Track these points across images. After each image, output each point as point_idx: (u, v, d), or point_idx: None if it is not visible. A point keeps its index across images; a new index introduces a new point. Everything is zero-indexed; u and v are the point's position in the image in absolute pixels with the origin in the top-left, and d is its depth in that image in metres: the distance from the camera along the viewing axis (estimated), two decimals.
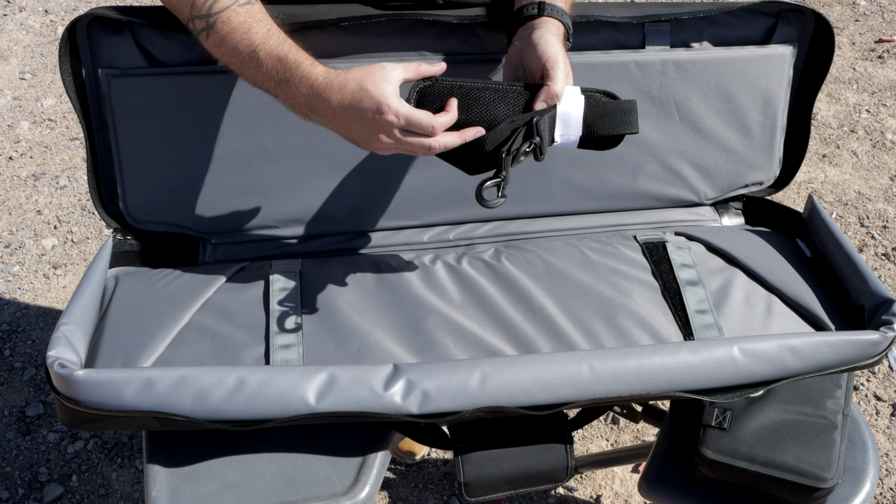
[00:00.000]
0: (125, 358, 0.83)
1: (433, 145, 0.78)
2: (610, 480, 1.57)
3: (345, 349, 0.87)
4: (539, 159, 0.81)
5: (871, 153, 2.36)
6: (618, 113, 0.83)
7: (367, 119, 0.77)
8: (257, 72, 0.80)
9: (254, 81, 0.82)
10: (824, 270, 1.00)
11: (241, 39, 0.80)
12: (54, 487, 1.51)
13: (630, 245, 1.03)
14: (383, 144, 0.78)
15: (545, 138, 0.81)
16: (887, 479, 1.58)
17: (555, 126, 0.82)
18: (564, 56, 0.83)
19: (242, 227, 1.02)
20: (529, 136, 0.80)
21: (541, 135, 0.80)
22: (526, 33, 0.85)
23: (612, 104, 0.83)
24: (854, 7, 3.02)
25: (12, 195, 2.14)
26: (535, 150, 0.81)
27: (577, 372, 0.79)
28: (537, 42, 0.83)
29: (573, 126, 0.82)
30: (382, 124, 0.76)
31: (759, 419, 0.90)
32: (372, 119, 0.76)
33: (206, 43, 0.82)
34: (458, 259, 0.99)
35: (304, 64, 0.79)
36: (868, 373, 1.75)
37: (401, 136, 0.77)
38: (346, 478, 0.82)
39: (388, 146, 0.78)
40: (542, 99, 0.80)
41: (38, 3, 2.92)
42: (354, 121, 0.77)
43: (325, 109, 0.78)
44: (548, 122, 0.81)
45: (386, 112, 0.76)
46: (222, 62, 0.83)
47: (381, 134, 0.77)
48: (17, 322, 1.81)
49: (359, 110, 0.77)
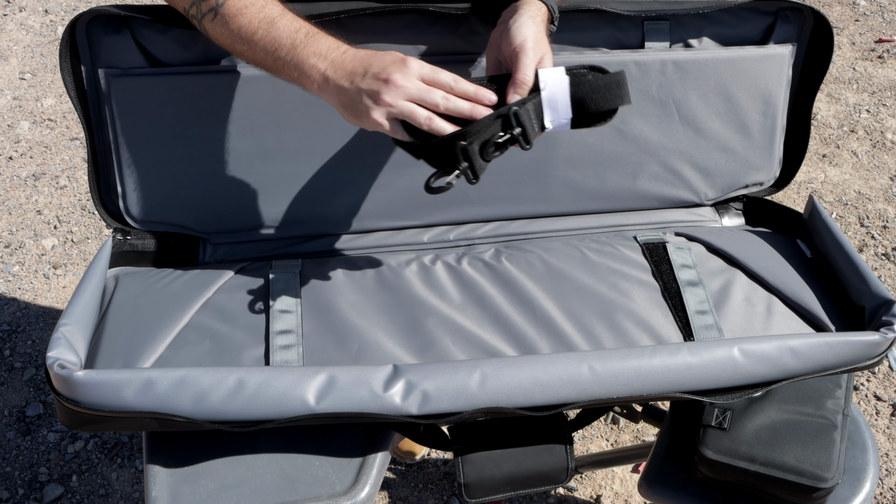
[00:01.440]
0: (125, 358, 0.83)
1: (448, 105, 0.75)
2: (610, 480, 1.57)
3: (344, 350, 0.87)
4: (525, 148, 0.79)
5: (871, 153, 2.36)
6: (607, 87, 0.80)
7: (385, 64, 0.75)
8: (268, 43, 0.79)
9: (262, 56, 0.80)
10: (825, 271, 1.00)
11: (257, 13, 0.79)
12: (54, 487, 1.51)
13: (630, 245, 1.03)
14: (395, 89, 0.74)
15: (529, 127, 0.79)
16: (887, 479, 1.58)
17: (542, 112, 0.80)
18: (537, 39, 0.80)
19: (242, 227, 1.02)
20: (507, 126, 0.78)
21: (522, 124, 0.78)
22: (505, 17, 0.84)
23: (599, 80, 0.80)
24: (854, 7, 3.02)
25: (12, 195, 2.14)
26: (519, 140, 0.79)
27: (577, 373, 0.79)
28: (511, 26, 0.81)
29: (562, 109, 0.80)
30: (402, 69, 0.74)
31: (759, 419, 0.90)
32: (392, 64, 0.75)
33: (210, 27, 0.81)
34: (458, 259, 0.99)
35: (321, 32, 0.79)
36: (868, 373, 1.75)
37: (417, 85, 0.75)
38: (346, 478, 0.82)
39: (396, 97, 0.74)
40: (512, 92, 0.78)
41: (38, 3, 2.92)
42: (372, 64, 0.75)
43: (340, 57, 0.77)
44: (532, 111, 0.79)
45: (409, 60, 0.75)
46: (225, 43, 0.82)
47: (397, 76, 0.74)
48: (17, 322, 1.81)
49: (379, 56, 0.76)
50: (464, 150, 0.76)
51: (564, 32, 0.99)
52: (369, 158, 1.00)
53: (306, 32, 0.79)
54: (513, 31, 0.80)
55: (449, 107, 0.76)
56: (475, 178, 0.78)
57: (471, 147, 0.76)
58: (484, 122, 0.77)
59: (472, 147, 0.76)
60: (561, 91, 0.79)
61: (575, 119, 0.80)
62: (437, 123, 0.76)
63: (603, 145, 1.05)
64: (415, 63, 0.76)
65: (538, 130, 0.80)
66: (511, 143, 0.79)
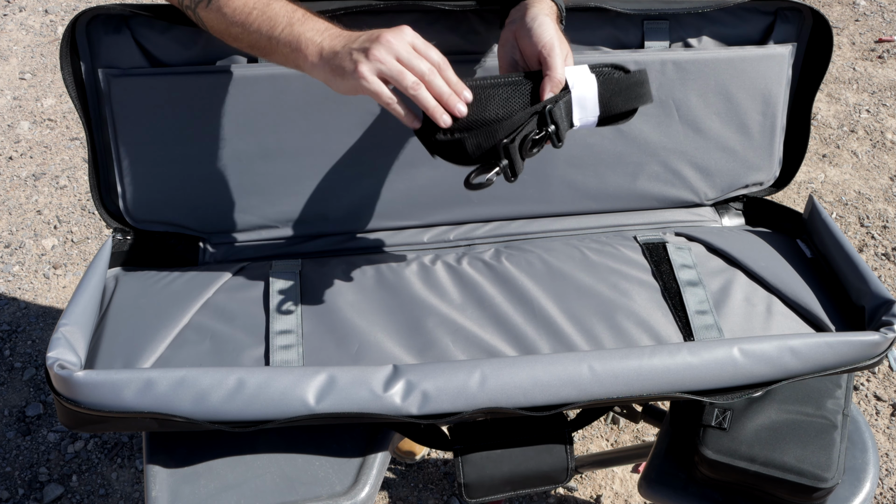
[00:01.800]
0: (125, 358, 0.83)
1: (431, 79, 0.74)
2: (610, 480, 1.57)
3: (344, 350, 0.87)
4: (557, 146, 0.80)
5: (871, 153, 2.36)
6: (632, 87, 0.81)
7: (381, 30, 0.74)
8: (263, 24, 0.78)
9: (256, 38, 0.80)
10: (825, 271, 1.00)
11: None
12: (54, 487, 1.51)
13: (630, 245, 1.03)
14: (386, 45, 0.73)
15: (562, 125, 0.79)
16: (887, 479, 1.58)
17: (572, 111, 0.80)
18: (560, 38, 0.81)
19: (242, 227, 1.02)
20: (543, 123, 0.78)
21: (556, 122, 0.78)
22: (519, 15, 0.84)
23: (624, 79, 0.81)
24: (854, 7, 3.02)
25: (12, 195, 2.14)
26: (552, 137, 0.79)
27: (577, 373, 0.79)
28: (531, 25, 0.81)
29: (590, 108, 0.80)
30: (395, 32, 0.74)
31: (759, 419, 0.90)
32: (387, 29, 0.74)
33: (205, 14, 0.81)
34: (458, 259, 0.99)
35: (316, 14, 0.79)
36: (868, 373, 1.75)
37: (407, 49, 0.74)
38: (346, 478, 0.82)
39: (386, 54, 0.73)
40: (548, 90, 0.79)
41: (38, 3, 2.92)
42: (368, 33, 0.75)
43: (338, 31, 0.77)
44: (563, 109, 0.79)
45: (405, 28, 0.75)
46: (220, 28, 0.82)
47: (389, 35, 0.73)
48: (17, 322, 1.81)
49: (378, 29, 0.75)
50: (506, 147, 0.76)
51: (565, 31, 0.99)
52: (369, 158, 1.00)
53: (303, 13, 0.79)
54: (536, 30, 0.81)
55: (432, 81, 0.75)
56: (514, 175, 0.78)
57: (512, 146, 0.76)
58: (522, 119, 0.77)
59: (513, 146, 0.76)
60: (590, 90, 0.80)
61: (601, 117, 0.81)
62: (423, 93, 0.74)
63: (603, 145, 1.05)
64: (409, 31, 0.76)
65: (567, 129, 0.81)
66: (545, 140, 0.79)
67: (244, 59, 0.94)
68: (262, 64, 0.93)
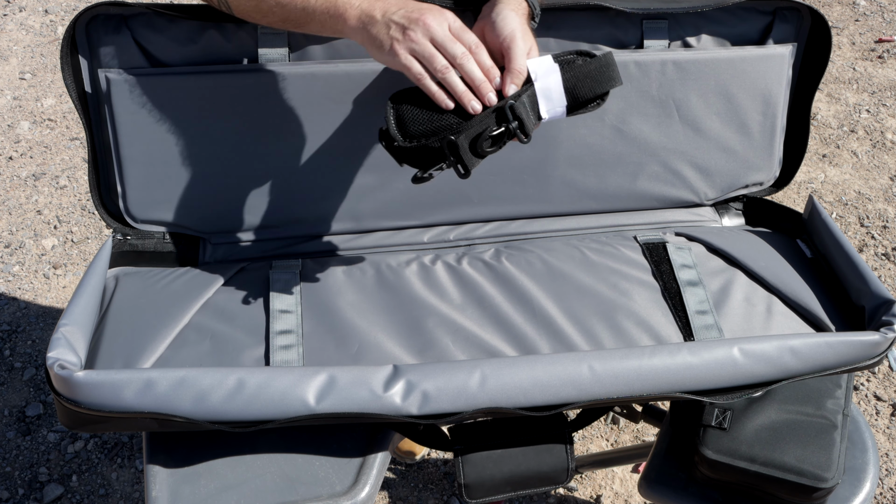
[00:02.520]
0: (125, 359, 0.83)
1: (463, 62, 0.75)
2: (610, 480, 1.57)
3: (344, 350, 0.87)
4: (525, 141, 0.78)
5: (871, 153, 2.36)
6: (598, 71, 0.79)
7: (421, 6, 0.75)
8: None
9: (290, 11, 0.80)
10: (825, 271, 1.00)
11: None
12: (54, 487, 1.51)
13: (630, 245, 1.03)
14: (424, 27, 0.74)
15: (527, 120, 0.78)
16: (887, 479, 1.58)
17: (537, 104, 0.79)
18: (524, 30, 0.80)
19: (242, 227, 1.02)
20: (503, 119, 0.77)
21: (519, 117, 0.77)
22: (486, 12, 0.84)
23: (589, 64, 0.79)
24: (854, 7, 3.02)
25: (12, 195, 2.14)
26: (517, 133, 0.78)
27: (577, 373, 0.79)
28: (495, 19, 0.81)
29: (556, 98, 0.79)
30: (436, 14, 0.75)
31: (759, 419, 0.90)
32: (427, 8, 0.75)
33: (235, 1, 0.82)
34: (458, 259, 0.99)
35: None
36: (868, 373, 1.75)
37: (444, 32, 0.75)
38: (346, 478, 0.82)
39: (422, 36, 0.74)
40: (508, 81, 0.78)
41: (38, 3, 2.92)
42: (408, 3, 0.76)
43: None
44: (527, 103, 0.78)
45: (446, 11, 0.76)
46: (249, 8, 0.82)
47: (429, 17, 0.74)
48: (17, 322, 1.81)
49: (415, 2, 0.76)
50: (451, 143, 0.75)
51: (563, 30, 0.99)
52: (369, 158, 1.00)
53: None
54: (498, 23, 0.80)
55: (464, 65, 0.75)
56: (466, 172, 0.77)
57: (458, 140, 0.75)
58: (476, 117, 0.76)
59: (459, 140, 0.75)
60: (553, 80, 0.78)
61: (570, 106, 0.80)
62: (452, 77, 0.75)
63: (603, 145, 1.05)
64: (450, 15, 0.77)
65: (535, 122, 0.80)
66: (509, 137, 0.78)
67: (244, 60, 0.94)
68: (261, 64, 0.93)
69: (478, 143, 0.77)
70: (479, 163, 0.79)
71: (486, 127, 0.77)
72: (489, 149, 0.78)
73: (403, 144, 0.77)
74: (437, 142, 0.76)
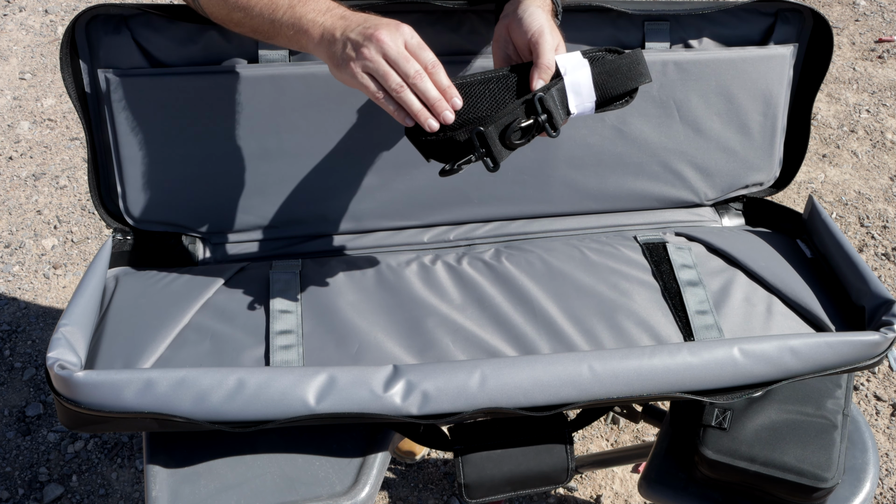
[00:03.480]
0: (125, 359, 0.83)
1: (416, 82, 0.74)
2: (610, 480, 1.57)
3: (344, 350, 0.87)
4: (553, 135, 0.78)
5: (871, 153, 2.36)
6: (627, 67, 0.79)
7: (378, 22, 0.74)
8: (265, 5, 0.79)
9: (258, 22, 0.80)
10: (825, 271, 1.00)
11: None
12: (54, 487, 1.51)
13: (630, 245, 1.03)
14: (377, 44, 0.73)
15: (556, 113, 0.78)
16: (887, 479, 1.58)
17: (566, 98, 0.79)
18: (551, 26, 0.80)
19: (242, 227, 1.02)
20: (532, 112, 0.76)
21: (548, 110, 0.77)
22: (511, 9, 0.84)
23: (618, 60, 0.79)
24: (854, 7, 3.02)
25: (12, 195, 2.14)
26: (546, 127, 0.77)
27: (577, 373, 0.79)
28: (522, 16, 0.81)
29: (585, 93, 0.79)
30: (391, 30, 0.73)
31: (759, 419, 0.90)
32: (384, 24, 0.74)
33: (208, 3, 0.82)
34: (458, 259, 0.99)
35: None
36: (868, 373, 1.75)
37: (398, 49, 0.73)
38: (346, 478, 0.82)
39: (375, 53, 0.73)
40: (536, 76, 0.77)
41: (38, 3, 2.92)
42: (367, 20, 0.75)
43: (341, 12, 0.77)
44: (557, 97, 0.78)
45: (403, 26, 0.75)
46: (221, 14, 0.82)
47: (384, 33, 0.73)
48: (17, 322, 1.81)
49: (377, 17, 0.76)
50: (479, 134, 0.75)
51: (565, 32, 0.99)
52: (369, 159, 1.00)
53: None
54: (525, 19, 0.80)
55: (417, 84, 0.74)
56: (494, 164, 0.77)
57: (487, 130, 0.75)
58: (507, 107, 0.76)
59: (488, 130, 0.75)
60: (583, 75, 0.78)
61: (599, 102, 0.80)
62: (406, 95, 0.74)
63: (603, 146, 1.05)
64: (407, 30, 0.75)
65: (564, 117, 0.79)
66: (538, 130, 0.78)
67: (244, 60, 0.94)
68: (262, 64, 0.93)
69: (506, 135, 0.76)
70: (508, 155, 0.78)
71: (516, 118, 0.76)
72: (518, 141, 0.77)
73: (431, 138, 0.76)
74: (465, 133, 0.75)
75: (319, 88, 0.94)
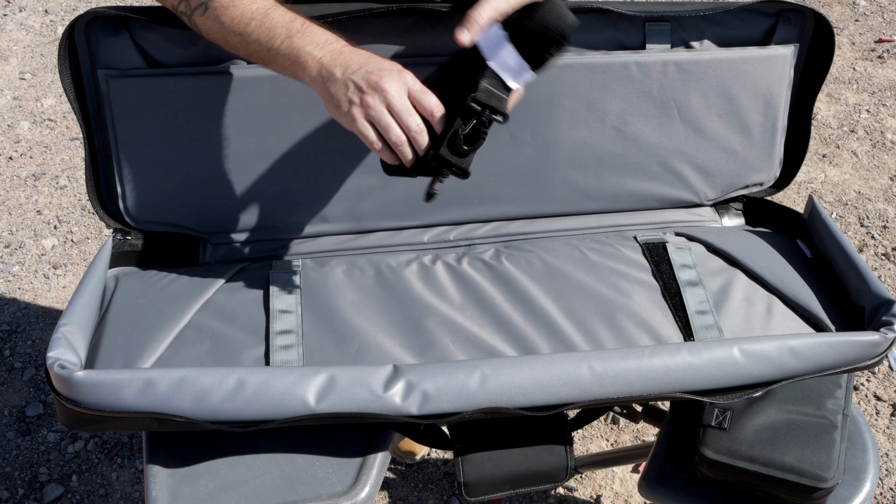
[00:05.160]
0: (125, 359, 0.83)
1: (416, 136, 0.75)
2: (610, 480, 1.57)
3: (344, 350, 0.87)
4: (502, 121, 0.78)
5: (871, 153, 2.36)
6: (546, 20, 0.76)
7: (382, 67, 0.74)
8: (262, 34, 0.78)
9: (255, 48, 0.80)
10: (824, 271, 1.00)
11: (249, 4, 0.78)
12: (54, 487, 1.51)
13: (630, 245, 1.03)
14: (381, 94, 0.73)
15: (495, 102, 0.77)
16: (887, 479, 1.58)
17: (501, 79, 0.77)
18: None
19: (242, 227, 1.02)
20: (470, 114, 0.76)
21: (485, 104, 0.76)
22: None
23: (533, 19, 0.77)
24: (854, 7, 3.02)
25: (12, 195, 2.14)
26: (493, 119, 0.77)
27: (577, 373, 0.79)
28: None
29: (515, 65, 0.77)
30: (395, 78, 0.74)
31: (759, 419, 0.90)
32: (388, 70, 0.74)
33: (201, 22, 0.81)
34: (458, 259, 0.99)
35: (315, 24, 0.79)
36: (868, 373, 1.75)
37: (402, 101, 0.74)
38: (346, 478, 0.82)
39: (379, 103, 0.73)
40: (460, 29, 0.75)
41: (38, 3, 2.92)
42: (369, 62, 0.75)
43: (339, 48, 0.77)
44: (489, 84, 0.77)
45: (406, 74, 0.75)
46: (216, 36, 0.82)
47: (389, 83, 0.73)
48: (17, 322, 1.81)
49: (378, 59, 0.75)
50: (435, 157, 0.76)
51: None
52: (369, 159, 1.00)
53: (302, 23, 0.79)
54: None
55: (416, 139, 0.76)
56: (464, 175, 0.78)
57: (440, 152, 0.76)
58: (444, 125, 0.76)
59: (441, 151, 0.76)
60: (504, 49, 0.77)
61: (534, 65, 0.78)
62: (405, 149, 0.76)
63: (603, 146, 1.05)
64: (409, 78, 0.76)
65: (506, 95, 0.78)
66: (485, 126, 0.77)
67: (244, 61, 0.94)
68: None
69: (456, 146, 0.76)
70: (470, 159, 0.78)
71: (457, 128, 0.76)
72: (471, 145, 0.77)
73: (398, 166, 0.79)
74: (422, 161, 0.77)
75: None
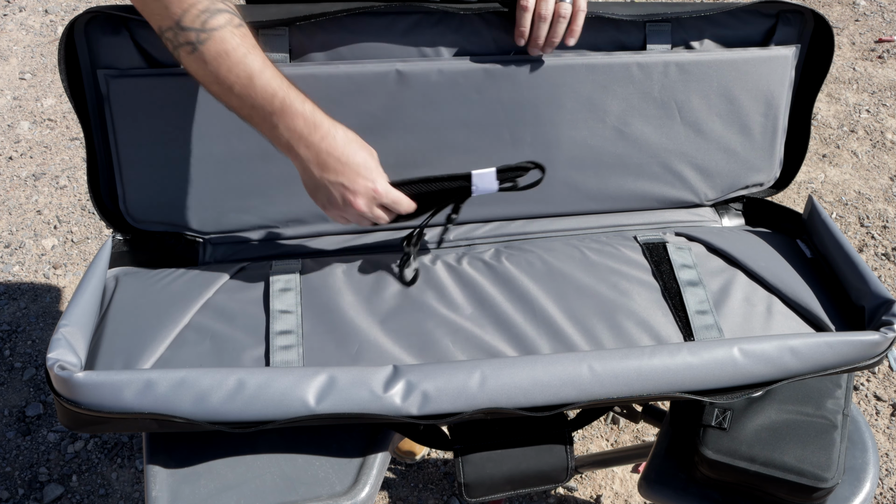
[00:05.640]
0: (125, 359, 0.83)
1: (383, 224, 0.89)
2: (610, 480, 1.57)
3: (344, 350, 0.87)
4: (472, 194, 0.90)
5: (871, 153, 2.36)
6: None
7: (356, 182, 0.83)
8: (244, 99, 0.79)
9: (237, 104, 0.81)
10: (824, 271, 1.00)
11: (236, 64, 0.78)
12: (54, 487, 1.51)
13: (630, 245, 1.03)
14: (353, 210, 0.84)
15: None
16: (887, 479, 1.58)
17: None
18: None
19: (242, 227, 1.02)
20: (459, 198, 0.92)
21: None
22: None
23: None
24: (854, 7, 3.02)
25: (12, 195, 2.14)
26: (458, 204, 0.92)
27: (577, 373, 0.79)
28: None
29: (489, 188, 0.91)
30: (367, 199, 0.84)
31: (759, 419, 0.90)
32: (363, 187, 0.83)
33: (185, 58, 0.79)
34: (458, 259, 0.99)
35: (296, 102, 0.80)
36: (868, 373, 1.75)
37: (372, 213, 0.85)
38: (346, 478, 0.82)
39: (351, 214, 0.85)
40: None
41: (38, 3, 2.92)
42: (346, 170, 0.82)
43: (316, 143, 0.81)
44: None
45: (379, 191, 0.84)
46: (197, 77, 0.80)
47: (361, 202, 0.84)
48: (17, 322, 1.81)
49: (353, 167, 0.82)
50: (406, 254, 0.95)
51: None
52: None
53: (281, 101, 0.79)
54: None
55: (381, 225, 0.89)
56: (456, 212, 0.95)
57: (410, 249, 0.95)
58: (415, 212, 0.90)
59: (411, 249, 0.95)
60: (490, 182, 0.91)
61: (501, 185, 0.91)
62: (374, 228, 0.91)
63: (604, 147, 1.05)
64: (381, 186, 0.84)
65: None
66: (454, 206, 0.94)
67: None
68: None
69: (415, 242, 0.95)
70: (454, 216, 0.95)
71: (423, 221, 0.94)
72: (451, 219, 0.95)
73: None
74: None
75: (319, 89, 0.94)
